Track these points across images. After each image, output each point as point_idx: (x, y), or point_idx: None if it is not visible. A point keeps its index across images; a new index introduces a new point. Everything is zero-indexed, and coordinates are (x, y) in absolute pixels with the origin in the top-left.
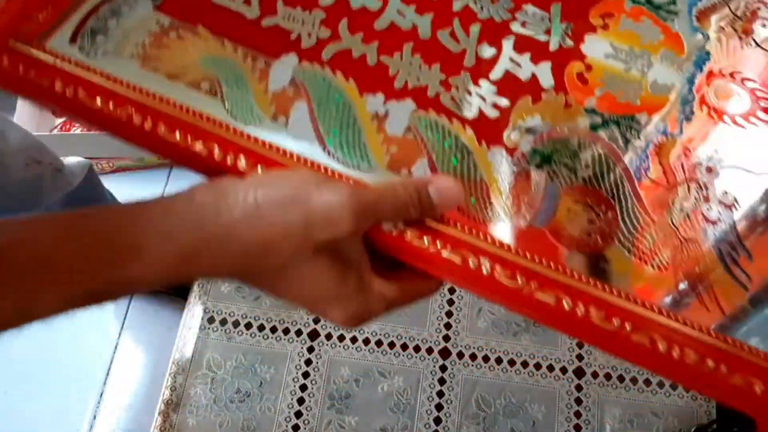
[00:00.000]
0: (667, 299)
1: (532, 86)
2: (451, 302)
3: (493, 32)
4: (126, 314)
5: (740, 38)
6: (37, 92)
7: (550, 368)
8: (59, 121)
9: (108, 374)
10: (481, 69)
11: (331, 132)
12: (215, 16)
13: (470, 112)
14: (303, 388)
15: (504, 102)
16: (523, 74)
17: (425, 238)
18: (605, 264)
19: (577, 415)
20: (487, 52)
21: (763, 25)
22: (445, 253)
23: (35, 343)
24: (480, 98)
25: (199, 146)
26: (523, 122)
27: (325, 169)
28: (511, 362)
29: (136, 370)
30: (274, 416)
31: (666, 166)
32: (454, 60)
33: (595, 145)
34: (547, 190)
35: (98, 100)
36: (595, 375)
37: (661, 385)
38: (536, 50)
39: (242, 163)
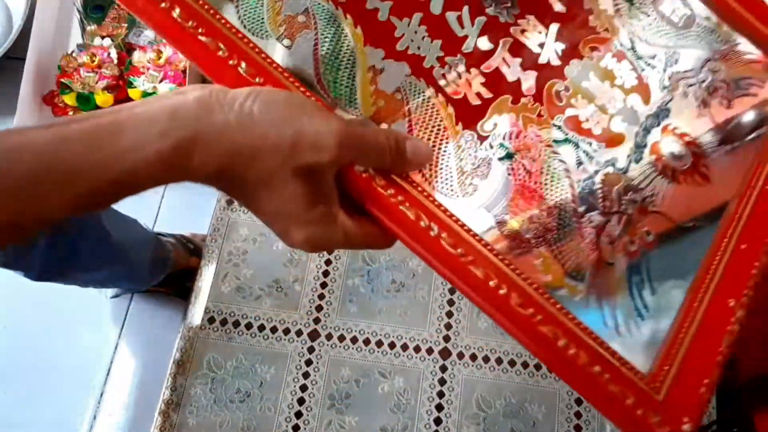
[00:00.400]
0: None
1: (515, 88)
2: (451, 302)
3: (495, 30)
4: (126, 314)
5: (698, 107)
6: None
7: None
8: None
9: (108, 374)
10: (476, 58)
11: (329, 68)
12: None
13: (456, 93)
14: (303, 388)
15: (488, 94)
16: (511, 76)
17: (390, 189)
18: (536, 260)
19: (578, 415)
20: (485, 45)
21: (720, 103)
22: (403, 207)
23: (35, 343)
24: (468, 84)
25: (205, 39)
26: (498, 116)
27: (316, 98)
28: (512, 363)
29: (136, 370)
30: (275, 416)
31: (607, 195)
32: (455, 42)
33: (553, 158)
34: (504, 182)
35: None
36: None
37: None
38: (527, 58)
39: (243, 68)
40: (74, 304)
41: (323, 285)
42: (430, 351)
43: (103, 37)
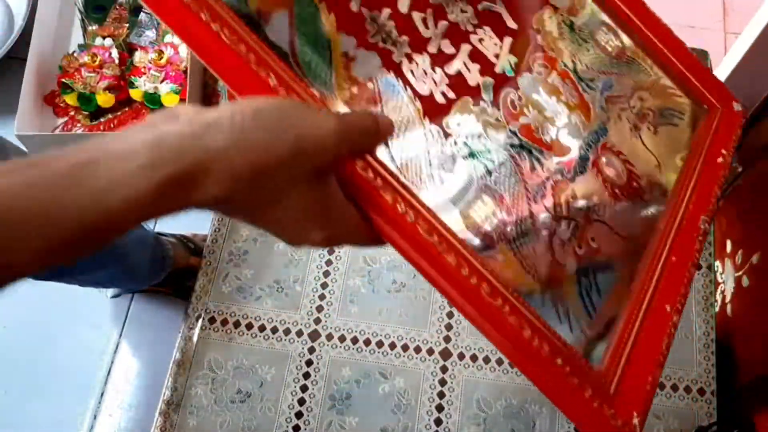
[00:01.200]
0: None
1: (476, 92)
2: None
3: (457, 36)
4: (127, 314)
5: (630, 129)
6: None
7: None
8: (61, 121)
9: (108, 374)
10: (440, 59)
11: (304, 49)
12: None
13: (422, 90)
14: (304, 388)
15: (451, 94)
16: (471, 80)
17: (369, 171)
18: (498, 255)
19: None
20: (448, 49)
21: (648, 128)
22: (382, 192)
23: (35, 343)
24: (433, 82)
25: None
26: (461, 116)
27: (290, 73)
28: (512, 363)
29: (137, 370)
30: (275, 417)
31: (557, 201)
32: (421, 41)
33: (509, 161)
34: (467, 178)
35: None
36: None
37: (661, 386)
38: (485, 66)
39: (225, 35)
40: (74, 303)
41: (324, 285)
42: (430, 351)
43: (104, 37)
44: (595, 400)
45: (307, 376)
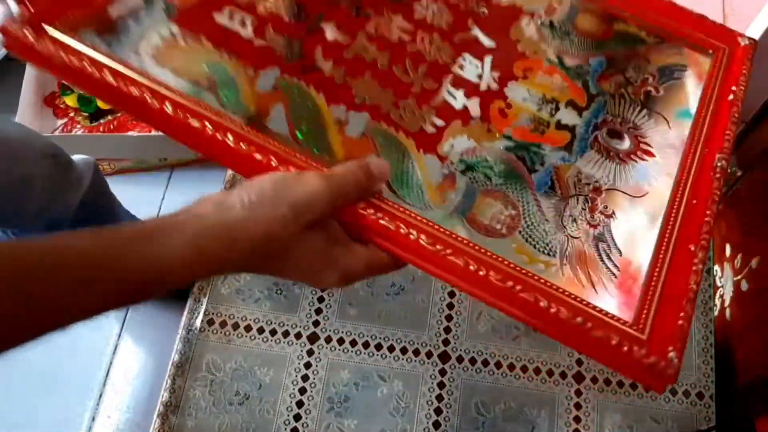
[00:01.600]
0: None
1: (463, 114)
2: (450, 306)
3: (437, 71)
4: (126, 316)
5: (631, 98)
6: (69, 71)
7: (550, 373)
8: (60, 122)
9: (107, 376)
10: (424, 97)
11: (302, 129)
12: (217, 32)
13: (412, 127)
14: (302, 391)
15: (440, 122)
16: (457, 105)
17: (370, 209)
18: (511, 245)
19: (577, 420)
20: (430, 85)
21: (651, 92)
22: (383, 222)
23: (35, 343)
24: (422, 118)
25: (195, 122)
26: (453, 139)
27: (293, 153)
28: (511, 366)
29: (135, 372)
30: (273, 419)
31: (561, 183)
32: (404, 88)
33: (507, 162)
34: (467, 189)
35: (119, 82)
36: (594, 380)
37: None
38: (469, 88)
39: (230, 139)
40: None
41: (323, 288)
42: (429, 354)
43: None
44: (624, 345)
45: (305, 378)
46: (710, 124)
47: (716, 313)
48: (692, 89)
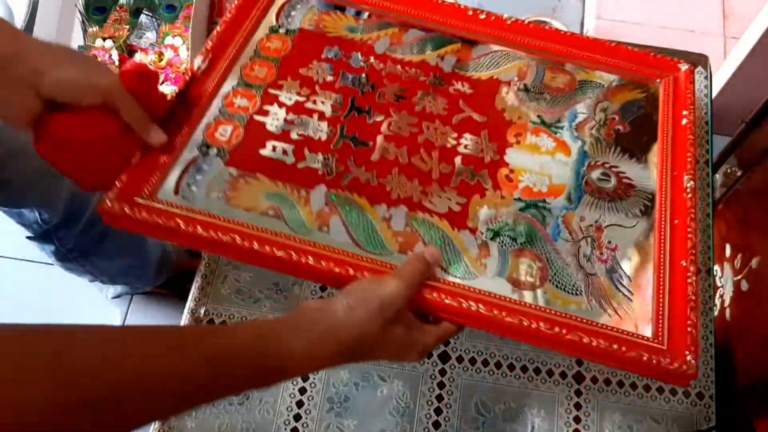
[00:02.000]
0: (590, 314)
1: (479, 188)
2: None
3: (448, 154)
4: (126, 315)
5: (605, 140)
6: (166, 232)
7: (550, 373)
8: None
9: None
10: (444, 180)
11: (359, 233)
12: (266, 164)
13: (442, 209)
14: (302, 391)
15: (462, 200)
16: (471, 180)
17: (434, 292)
18: (543, 294)
19: (577, 420)
20: (446, 168)
21: (619, 129)
22: (447, 301)
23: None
24: (447, 199)
25: (281, 253)
26: (476, 211)
27: (360, 258)
28: (511, 366)
29: None
30: (273, 419)
31: (570, 229)
32: (426, 175)
33: (524, 222)
34: (500, 253)
35: (209, 232)
36: (594, 380)
37: (660, 390)
38: (476, 163)
39: (310, 260)
40: (75, 304)
41: (323, 288)
42: (429, 354)
43: (104, 39)
44: (653, 359)
45: (305, 378)
46: (673, 150)
47: (716, 313)
48: (651, 119)
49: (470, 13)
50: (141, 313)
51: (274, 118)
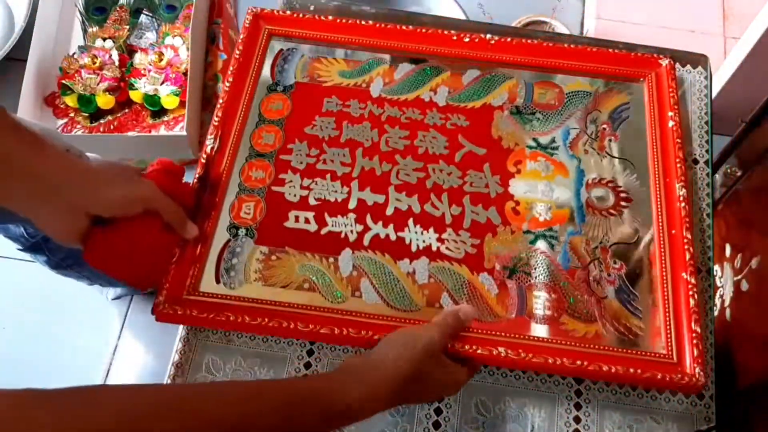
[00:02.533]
0: (606, 339)
1: (490, 226)
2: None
3: (455, 196)
4: (126, 315)
5: (599, 153)
6: (217, 324)
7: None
8: (61, 122)
9: (107, 376)
10: (456, 223)
11: (388, 292)
12: (292, 236)
13: (460, 255)
14: None
15: (476, 241)
16: (482, 219)
17: (466, 344)
18: (563, 325)
19: (577, 420)
20: (456, 210)
21: (610, 140)
22: (479, 351)
23: (35, 343)
24: (462, 243)
25: (324, 330)
26: (490, 251)
27: (391, 318)
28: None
29: (136, 371)
30: None
31: (578, 254)
32: (440, 221)
33: (535, 254)
34: (519, 291)
35: (257, 319)
36: (594, 380)
37: (660, 390)
38: (484, 200)
39: (351, 332)
40: (74, 305)
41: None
42: None
43: (104, 39)
44: (667, 375)
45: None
46: (662, 155)
47: (716, 313)
48: (639, 122)
49: (454, 38)
50: (141, 314)
51: (291, 187)
